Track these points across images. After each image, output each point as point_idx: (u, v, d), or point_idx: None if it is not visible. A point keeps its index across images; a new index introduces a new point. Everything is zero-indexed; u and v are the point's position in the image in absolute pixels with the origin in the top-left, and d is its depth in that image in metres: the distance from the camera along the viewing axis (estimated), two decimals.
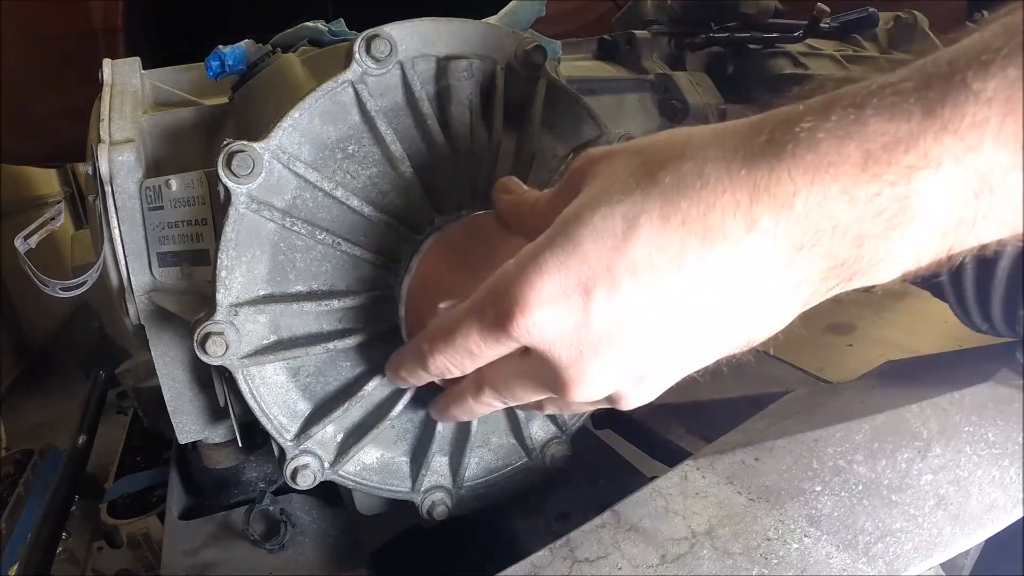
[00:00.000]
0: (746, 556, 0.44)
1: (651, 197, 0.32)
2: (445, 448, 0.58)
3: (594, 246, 0.33)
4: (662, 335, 0.34)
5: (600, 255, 0.32)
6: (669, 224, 0.32)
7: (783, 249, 0.31)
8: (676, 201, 0.31)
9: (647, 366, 0.36)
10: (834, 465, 0.50)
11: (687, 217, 0.31)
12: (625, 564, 0.45)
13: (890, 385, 0.59)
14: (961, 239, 0.30)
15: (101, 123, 0.56)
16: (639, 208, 0.32)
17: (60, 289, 0.54)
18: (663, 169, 0.32)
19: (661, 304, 0.33)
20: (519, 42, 0.54)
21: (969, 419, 0.51)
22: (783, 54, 0.94)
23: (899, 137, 0.28)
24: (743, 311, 0.33)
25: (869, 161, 0.28)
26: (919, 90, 0.28)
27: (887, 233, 0.29)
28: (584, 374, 0.36)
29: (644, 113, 0.80)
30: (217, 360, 0.49)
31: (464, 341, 0.38)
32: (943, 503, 0.45)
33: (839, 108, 0.29)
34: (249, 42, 0.60)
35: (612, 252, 0.32)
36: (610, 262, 0.32)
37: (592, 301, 0.33)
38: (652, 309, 0.33)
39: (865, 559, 0.42)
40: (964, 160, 0.27)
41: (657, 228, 0.32)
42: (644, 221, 0.32)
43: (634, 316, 0.33)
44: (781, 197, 0.30)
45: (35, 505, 1.30)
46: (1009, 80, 0.26)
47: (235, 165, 0.47)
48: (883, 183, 0.28)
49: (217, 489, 0.69)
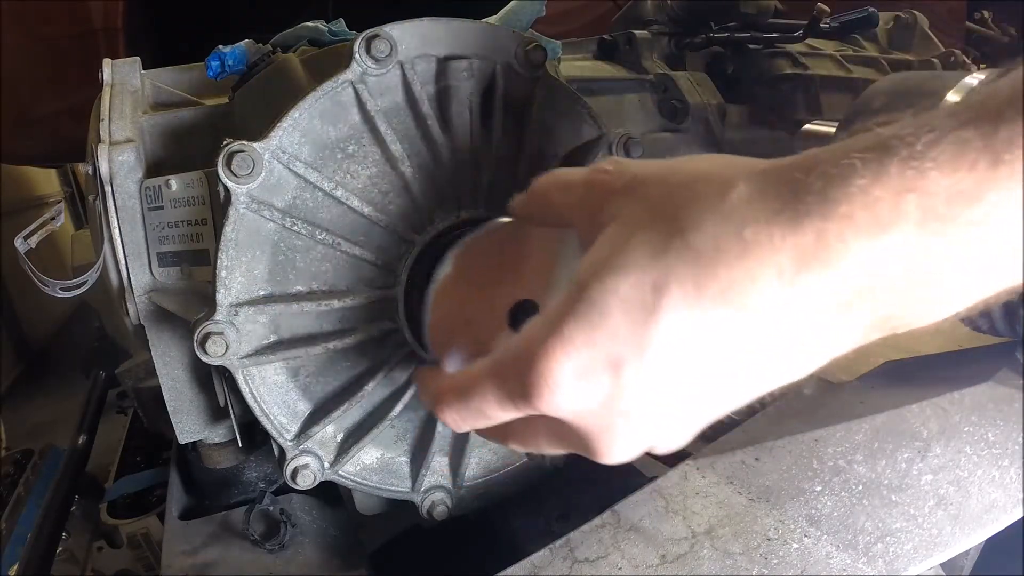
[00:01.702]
0: (746, 556, 0.44)
1: (684, 263, 0.29)
2: (445, 448, 0.58)
3: (623, 319, 0.30)
4: (694, 399, 0.32)
5: (630, 329, 0.30)
6: (704, 295, 0.29)
7: (827, 309, 0.29)
8: (713, 269, 0.29)
9: (676, 427, 0.35)
10: (834, 465, 0.50)
11: (725, 287, 0.29)
12: (625, 564, 0.45)
13: (890, 385, 0.59)
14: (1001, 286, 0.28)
15: (101, 123, 0.56)
16: (670, 276, 0.29)
17: (60, 289, 0.54)
18: (697, 229, 0.30)
19: (694, 375, 0.31)
20: (519, 42, 0.54)
21: (969, 419, 0.51)
22: (783, 54, 0.94)
23: (962, 190, 0.25)
24: (779, 369, 0.31)
25: (928, 217, 0.26)
26: (985, 136, 0.25)
27: (938, 287, 0.28)
28: (613, 443, 0.35)
29: (644, 113, 0.80)
30: (217, 360, 0.49)
31: (480, 403, 0.37)
32: (943, 503, 0.45)
33: (897, 160, 0.26)
34: (249, 42, 0.60)
35: (642, 325, 0.30)
36: (640, 337, 0.30)
37: (622, 377, 0.31)
38: (685, 381, 0.31)
39: (865, 559, 0.42)
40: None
41: (691, 299, 0.29)
42: (676, 291, 0.29)
43: (666, 389, 0.31)
44: (830, 263, 0.27)
45: (35, 505, 1.30)
46: None
47: (235, 165, 0.47)
48: (941, 241, 0.26)
49: (217, 489, 0.69)
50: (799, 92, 0.91)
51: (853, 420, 0.53)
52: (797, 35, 0.93)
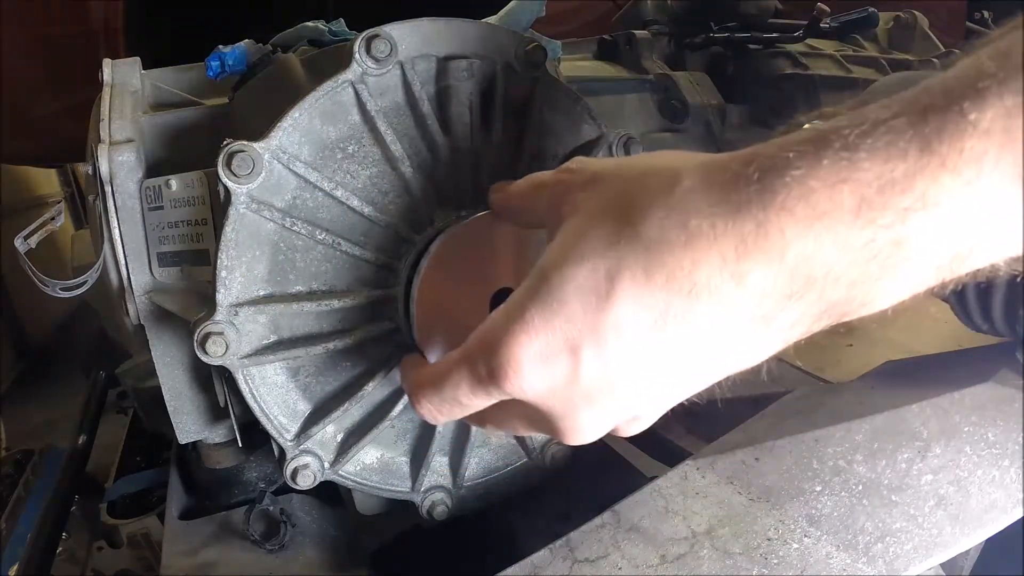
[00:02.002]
0: (746, 556, 0.44)
1: (634, 252, 0.31)
2: (445, 448, 0.58)
3: (579, 305, 0.32)
4: (651, 383, 0.34)
5: (585, 314, 0.32)
6: (653, 282, 0.31)
7: (773, 299, 0.30)
8: (660, 258, 0.31)
9: (638, 408, 0.37)
10: (834, 465, 0.50)
11: (671, 275, 0.31)
12: (625, 564, 0.45)
13: (890, 385, 0.59)
14: (955, 270, 0.29)
15: (101, 123, 0.56)
16: (622, 264, 0.32)
17: (60, 289, 0.54)
18: (646, 220, 0.32)
19: (648, 357, 0.33)
20: (519, 42, 0.54)
21: (969, 419, 0.51)
22: (783, 54, 0.94)
23: (894, 179, 0.27)
24: (731, 354, 0.33)
25: (863, 206, 0.27)
26: (915, 125, 0.27)
27: (880, 274, 0.29)
28: (578, 423, 0.36)
29: (644, 113, 0.80)
30: (217, 360, 0.49)
31: (453, 392, 0.39)
32: (943, 503, 0.45)
33: (831, 151, 0.28)
34: (249, 42, 0.60)
35: (597, 311, 0.32)
36: (595, 321, 0.32)
37: (580, 359, 0.33)
38: (640, 362, 0.33)
39: (865, 559, 0.42)
40: (961, 196, 0.26)
41: (641, 286, 0.31)
42: (627, 278, 0.31)
43: (622, 370, 0.33)
44: (771, 251, 0.29)
45: (35, 505, 1.30)
46: (1007, 108, 0.25)
47: (235, 165, 0.47)
48: (877, 228, 0.28)
49: (217, 489, 0.69)
50: (799, 92, 0.91)
51: (853, 420, 0.53)
52: (797, 35, 0.93)
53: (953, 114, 0.26)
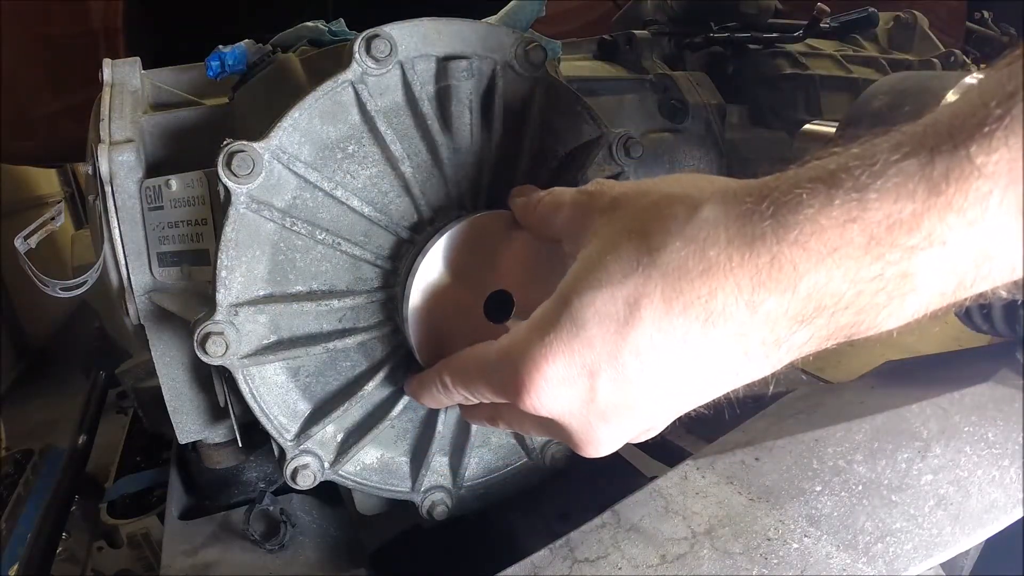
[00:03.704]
0: (746, 556, 0.44)
1: (652, 280, 0.33)
2: (445, 448, 0.58)
3: (598, 331, 0.34)
4: (666, 401, 0.36)
5: (604, 340, 0.34)
6: (671, 309, 0.32)
7: (785, 324, 0.32)
8: (678, 286, 0.32)
9: (652, 422, 0.38)
10: (834, 465, 0.50)
11: (689, 302, 0.32)
12: (625, 564, 0.45)
13: (890, 385, 0.59)
14: (959, 296, 0.30)
15: (101, 123, 0.56)
16: (641, 291, 0.33)
17: (60, 289, 0.54)
18: (665, 248, 0.33)
19: (665, 379, 0.34)
20: (519, 42, 0.54)
21: (969, 419, 0.51)
22: (783, 54, 0.94)
23: (902, 219, 0.28)
24: (743, 370, 0.34)
25: (872, 243, 0.29)
26: (924, 167, 0.28)
27: (888, 302, 0.30)
28: (594, 439, 0.38)
29: (644, 113, 0.80)
30: (217, 360, 0.49)
31: (481, 392, 0.42)
32: (943, 503, 0.45)
33: (842, 191, 0.29)
34: (249, 42, 0.60)
35: (616, 337, 0.33)
36: (614, 347, 0.34)
37: (598, 382, 0.35)
38: (656, 384, 0.34)
39: (865, 559, 0.42)
40: (966, 234, 0.28)
41: (659, 313, 0.33)
42: (646, 305, 0.33)
43: (639, 391, 0.35)
44: (784, 283, 0.30)
45: (35, 505, 1.30)
46: (1012, 152, 0.26)
47: (235, 165, 0.47)
48: (886, 263, 0.29)
49: (217, 489, 0.69)
50: (799, 92, 0.91)
51: (853, 420, 0.53)
52: (797, 35, 0.93)
53: (960, 158, 0.27)
